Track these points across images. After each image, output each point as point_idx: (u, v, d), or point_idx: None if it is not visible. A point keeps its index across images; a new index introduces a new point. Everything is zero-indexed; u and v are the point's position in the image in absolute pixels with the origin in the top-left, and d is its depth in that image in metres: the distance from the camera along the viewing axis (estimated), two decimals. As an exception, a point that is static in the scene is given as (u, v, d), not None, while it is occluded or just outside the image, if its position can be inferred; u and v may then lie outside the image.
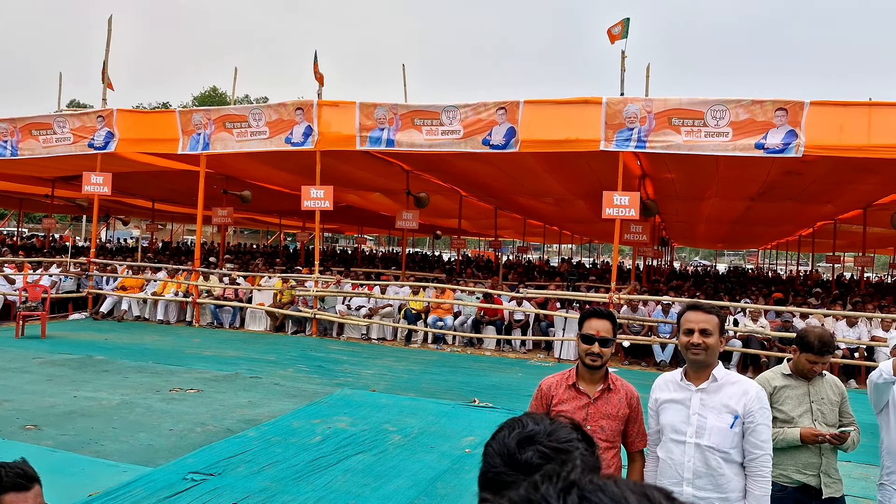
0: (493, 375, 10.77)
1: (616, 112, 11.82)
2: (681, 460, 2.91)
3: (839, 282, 27.51)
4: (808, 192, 16.18)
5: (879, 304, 14.47)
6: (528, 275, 22.63)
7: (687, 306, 3.06)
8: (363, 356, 11.95)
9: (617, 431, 3.03)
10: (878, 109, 11.13)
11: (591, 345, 3.00)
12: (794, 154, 11.15)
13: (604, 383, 3.06)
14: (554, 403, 3.06)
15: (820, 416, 3.55)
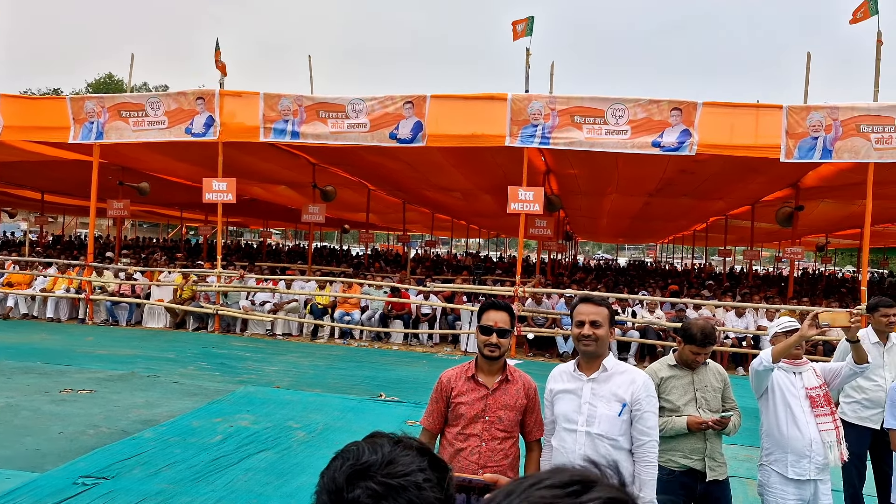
0: (401, 369, 10.79)
1: (521, 109, 12.02)
2: (572, 448, 3.01)
3: (730, 274, 28.98)
4: (701, 189, 16.95)
5: (765, 296, 15.34)
6: (436, 269, 22.76)
7: (579, 299, 3.16)
8: (268, 352, 11.73)
9: (515, 422, 3.10)
10: (765, 111, 11.76)
11: (489, 336, 3.05)
12: (688, 152, 11.65)
13: (502, 374, 3.12)
14: (454, 396, 3.09)
15: (704, 403, 3.73)
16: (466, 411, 3.05)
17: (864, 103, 11.17)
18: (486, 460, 3.02)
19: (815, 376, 3.90)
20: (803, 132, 11.22)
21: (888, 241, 31.41)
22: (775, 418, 3.82)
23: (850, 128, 11.07)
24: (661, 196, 18.69)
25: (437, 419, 3.15)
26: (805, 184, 14.99)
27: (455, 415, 3.08)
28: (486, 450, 3.02)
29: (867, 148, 11.01)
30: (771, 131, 11.53)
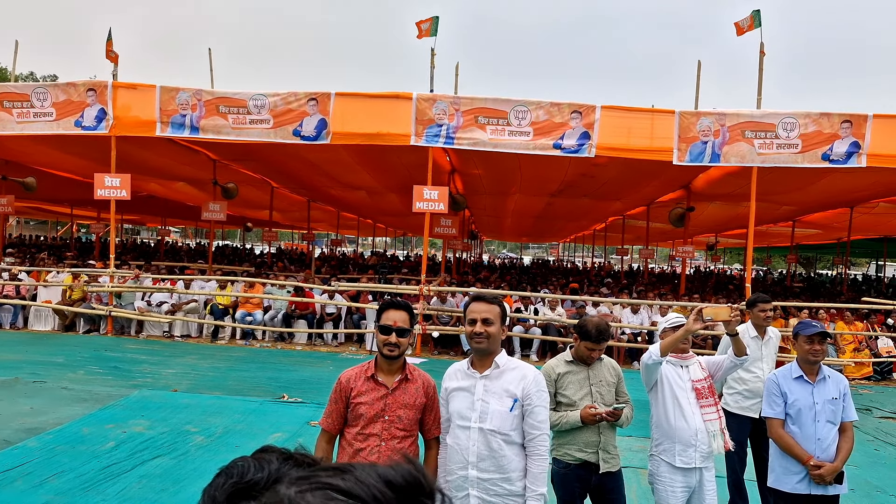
0: (304, 370, 10.64)
1: (426, 108, 12.08)
2: (466, 445, 3.06)
3: (627, 272, 30.09)
4: (601, 190, 17.51)
5: (659, 293, 16.00)
6: (341, 268, 22.57)
7: (471, 298, 3.22)
8: (165, 355, 11.32)
9: (414, 420, 3.12)
10: (659, 116, 12.25)
11: (388, 335, 3.06)
12: (587, 154, 12.00)
13: (402, 373, 3.13)
14: (353, 396, 3.09)
15: (599, 397, 3.88)
16: (366, 411, 3.05)
17: (749, 110, 11.83)
18: (385, 460, 3.02)
19: (701, 369, 4.11)
20: (694, 137, 11.77)
21: (771, 240, 33.33)
22: (664, 410, 4.01)
23: (737, 133, 11.70)
24: (562, 197, 19.19)
25: (336, 420, 3.13)
26: (696, 186, 15.73)
27: (354, 415, 3.08)
28: (385, 449, 3.03)
29: (751, 152, 11.67)
30: (665, 135, 12.03)
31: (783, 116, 11.59)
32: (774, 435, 3.93)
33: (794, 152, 11.64)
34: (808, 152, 11.63)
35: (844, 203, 18.50)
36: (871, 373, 12.37)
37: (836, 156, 11.62)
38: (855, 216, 19.63)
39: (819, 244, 33.64)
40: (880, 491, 6.13)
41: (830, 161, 11.64)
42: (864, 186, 14.90)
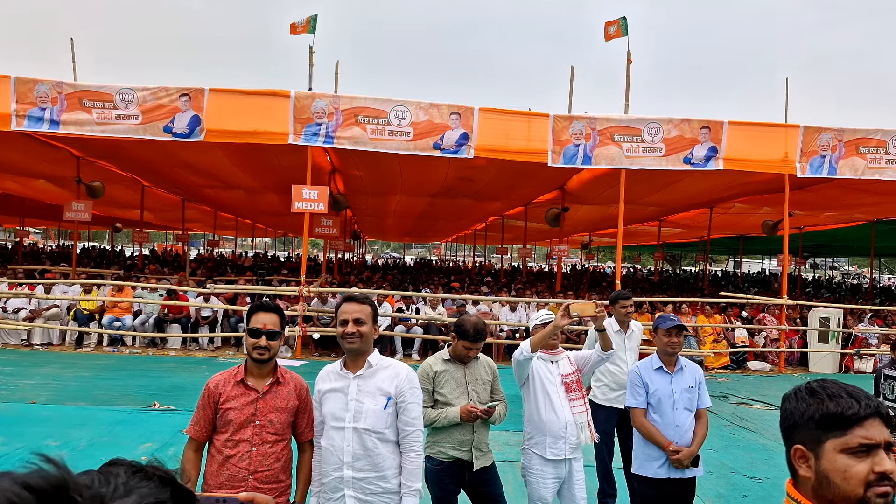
0: (178, 376, 10.23)
1: (304, 106, 11.89)
2: (340, 446, 3.05)
3: (507, 271, 30.81)
4: (481, 191, 17.84)
5: (536, 291, 16.50)
6: (218, 269, 21.85)
7: (342, 298, 3.22)
8: (22, 365, 10.57)
9: (287, 424, 3.08)
10: (536, 119, 12.59)
11: (258, 338, 3.00)
12: (466, 155, 12.19)
13: (273, 377, 3.08)
14: (222, 401, 3.01)
15: (475, 395, 3.97)
16: (235, 417, 2.98)
17: (618, 115, 12.41)
18: (256, 465, 2.97)
19: (570, 363, 4.28)
20: (567, 140, 12.21)
21: (640, 239, 35.10)
22: (535, 404, 4.14)
23: (606, 137, 12.24)
24: (443, 197, 19.41)
25: (203, 427, 3.04)
26: (570, 187, 16.33)
27: (223, 421, 3.00)
28: (256, 455, 2.97)
29: (620, 156, 12.24)
30: (541, 138, 12.39)
31: (648, 122, 12.23)
32: (637, 423, 4.15)
33: (659, 156, 12.31)
34: (672, 156, 12.33)
35: (705, 204, 19.74)
36: (728, 362, 13.27)
37: (696, 159, 12.38)
38: (714, 216, 20.99)
39: (683, 242, 35.76)
40: (735, 472, 6.59)
41: (692, 164, 12.39)
42: (721, 188, 15.96)
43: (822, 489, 1.40)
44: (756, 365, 13.46)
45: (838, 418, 1.40)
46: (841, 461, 1.38)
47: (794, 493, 1.46)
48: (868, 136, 12.72)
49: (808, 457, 1.43)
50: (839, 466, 1.37)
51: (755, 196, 17.46)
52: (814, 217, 21.59)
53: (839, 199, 16.84)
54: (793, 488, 1.48)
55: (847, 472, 1.36)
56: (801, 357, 13.88)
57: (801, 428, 1.45)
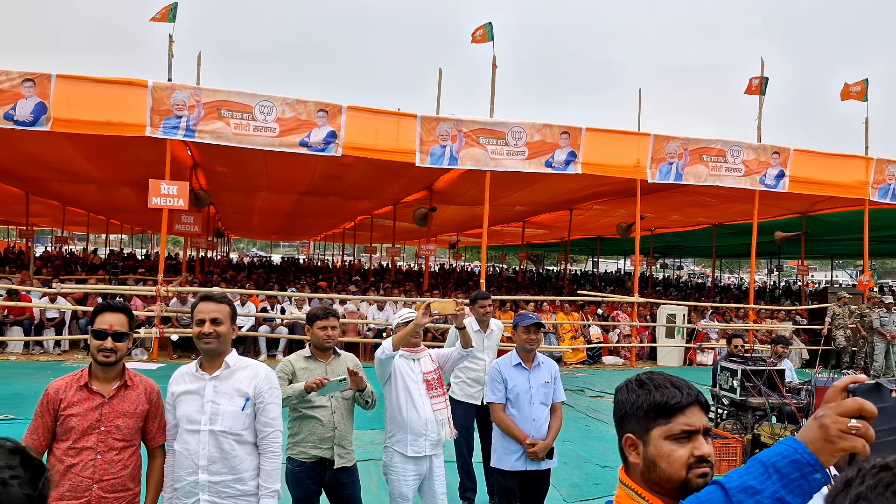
0: (19, 382, 9.50)
1: (163, 98, 11.37)
2: (196, 449, 2.97)
3: (376, 270, 30.81)
4: (349, 189, 17.74)
5: (404, 290, 16.61)
6: (67, 268, 20.46)
7: (199, 297, 3.13)
8: None
9: (135, 429, 2.94)
10: (405, 119, 12.66)
11: (103, 340, 2.86)
12: (334, 153, 12.08)
13: (120, 380, 2.94)
14: (63, 408, 2.83)
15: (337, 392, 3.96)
16: (78, 423, 2.81)
17: (483, 118, 12.72)
18: (102, 474, 2.82)
19: (431, 361, 4.36)
20: (434, 140, 12.39)
21: (505, 239, 36.14)
22: (397, 402, 4.19)
23: (472, 139, 12.51)
24: (311, 195, 19.14)
25: (42, 435, 2.84)
26: (438, 187, 16.57)
27: (64, 428, 2.82)
28: (101, 462, 2.82)
29: (485, 157, 12.56)
30: (411, 137, 12.48)
31: (512, 125, 12.63)
32: (496, 418, 4.29)
33: (522, 159, 12.73)
34: (534, 159, 12.79)
35: (565, 206, 20.61)
36: (585, 357, 13.92)
37: (557, 163, 12.90)
38: (574, 218, 21.96)
39: (546, 243, 37.15)
40: (588, 462, 6.94)
41: (553, 168, 12.91)
42: (580, 191, 16.73)
43: (649, 473, 1.51)
44: (610, 360, 14.21)
45: (663, 407, 1.52)
46: (665, 447, 1.49)
47: (626, 479, 1.57)
48: (710, 145, 13.74)
49: (637, 444, 1.54)
50: (664, 452, 1.49)
51: (611, 199, 18.43)
52: (663, 220, 23.05)
53: (685, 204, 18.09)
54: (625, 475, 1.58)
55: (671, 456, 1.48)
56: (651, 351, 14.78)
57: (631, 417, 1.56)
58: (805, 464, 1.15)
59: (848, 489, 1.00)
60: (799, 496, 1.15)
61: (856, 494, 0.99)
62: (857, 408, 1.15)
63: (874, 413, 1.15)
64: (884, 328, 13.08)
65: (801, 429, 1.21)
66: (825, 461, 1.16)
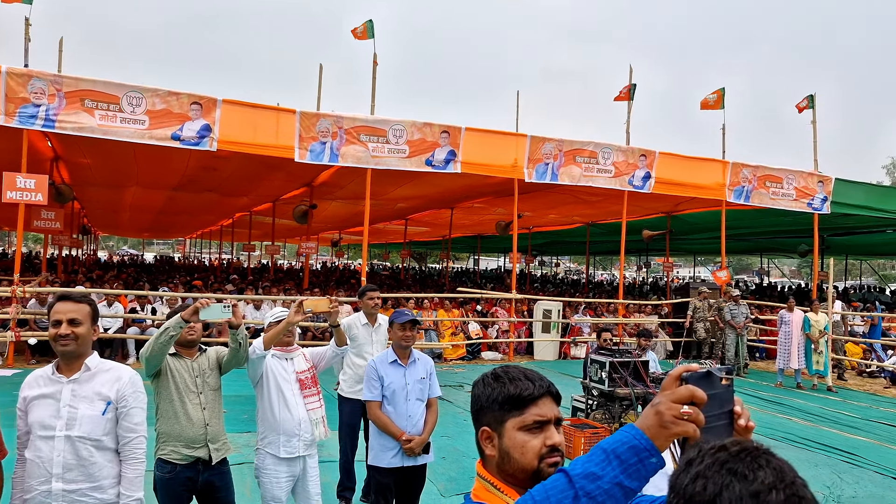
0: None
1: (18, 85, 10.60)
2: (49, 456, 2.81)
3: (255, 269, 30.05)
4: (226, 185, 17.21)
5: (284, 289, 16.31)
6: None
7: (56, 297, 2.98)
8: None
9: None
10: (284, 114, 12.40)
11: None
12: (208, 147, 11.68)
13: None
14: None
15: (206, 386, 3.87)
16: None
17: (364, 115, 12.67)
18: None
19: (305, 360, 4.32)
20: (314, 136, 12.22)
21: (388, 237, 36.16)
22: (269, 403, 4.12)
23: (353, 136, 12.44)
24: (185, 190, 18.43)
25: None
26: (318, 184, 16.36)
27: None
28: None
29: (366, 155, 12.51)
30: (291, 133, 12.23)
31: (393, 123, 12.65)
32: (373, 416, 4.29)
33: (403, 157, 12.78)
34: (415, 157, 12.87)
35: (446, 204, 20.88)
36: (465, 353, 14.16)
37: (437, 162, 13.04)
38: (455, 216, 22.27)
39: (428, 241, 37.45)
40: (465, 456, 7.07)
41: (433, 166, 13.03)
42: (460, 190, 16.99)
43: (504, 465, 1.56)
44: (489, 355, 14.52)
45: (517, 399, 1.57)
46: (519, 437, 1.54)
47: (483, 472, 1.61)
48: (583, 147, 14.30)
49: (493, 437, 1.58)
50: (517, 442, 1.54)
51: (490, 198, 18.83)
52: (541, 218, 23.79)
53: (561, 203, 18.75)
54: (482, 468, 1.62)
55: (524, 446, 1.53)
56: (528, 346, 15.23)
57: (487, 410, 1.60)
58: (642, 449, 1.23)
59: (689, 468, 1.09)
60: (636, 479, 1.23)
61: (695, 473, 1.07)
62: (688, 395, 1.24)
63: (704, 399, 1.24)
64: (734, 320, 14.05)
65: (640, 416, 1.29)
66: (661, 446, 1.24)
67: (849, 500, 6.23)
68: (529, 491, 1.29)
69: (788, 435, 8.68)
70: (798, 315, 12.84)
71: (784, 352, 12.87)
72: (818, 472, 7.10)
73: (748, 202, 15.69)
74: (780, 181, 15.89)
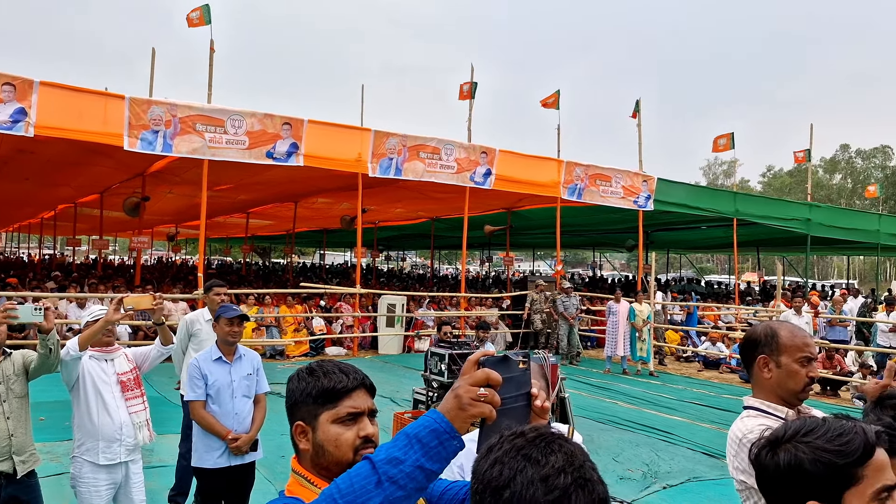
0: None
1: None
2: None
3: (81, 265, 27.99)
4: (44, 171, 15.88)
5: (113, 286, 15.32)
6: None
7: None
8: None
9: None
10: (113, 100, 11.57)
11: None
12: (24, 133, 10.72)
13: None
14: None
15: (10, 393, 3.58)
16: None
17: (200, 103, 12.12)
18: None
19: (128, 361, 4.08)
20: (145, 124, 11.54)
21: (229, 231, 34.91)
22: (86, 407, 3.86)
23: (188, 125, 11.86)
24: (-2, 180, 16.83)
25: None
26: (151, 175, 15.48)
27: None
28: None
29: (203, 146, 11.98)
30: (119, 120, 11.46)
31: (231, 113, 12.20)
32: (197, 416, 4.12)
33: (243, 148, 12.36)
34: (255, 149, 12.48)
35: (290, 197, 20.46)
36: (308, 349, 13.96)
37: (279, 154, 12.73)
38: (299, 210, 21.88)
39: (272, 235, 36.55)
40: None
41: (274, 159, 12.70)
42: (304, 183, 16.71)
43: (318, 458, 1.55)
44: (333, 350, 14.41)
45: (330, 392, 1.57)
46: (333, 430, 1.54)
47: (297, 467, 1.59)
48: (426, 142, 14.50)
49: (307, 431, 1.57)
50: (331, 435, 1.54)
51: (335, 192, 18.66)
52: (386, 213, 23.89)
53: (406, 198, 18.92)
54: (297, 463, 1.61)
55: (338, 439, 1.54)
56: (373, 340, 15.25)
57: (301, 405, 1.59)
58: (443, 432, 1.27)
59: (489, 454, 1.14)
60: (437, 462, 1.26)
61: (494, 458, 1.12)
62: (484, 378, 1.29)
63: (499, 381, 1.30)
64: (566, 311, 14.83)
65: (442, 400, 1.33)
66: (460, 428, 1.29)
67: (664, 475, 6.77)
68: (335, 480, 1.29)
69: (614, 418, 9.29)
70: (624, 306, 13.75)
71: (612, 340, 13.74)
72: (639, 451, 7.65)
73: (581, 199, 16.58)
74: (609, 180, 16.93)
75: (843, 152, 65.62)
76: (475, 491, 1.12)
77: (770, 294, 21.96)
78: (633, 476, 6.74)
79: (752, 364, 2.29)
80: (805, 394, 2.23)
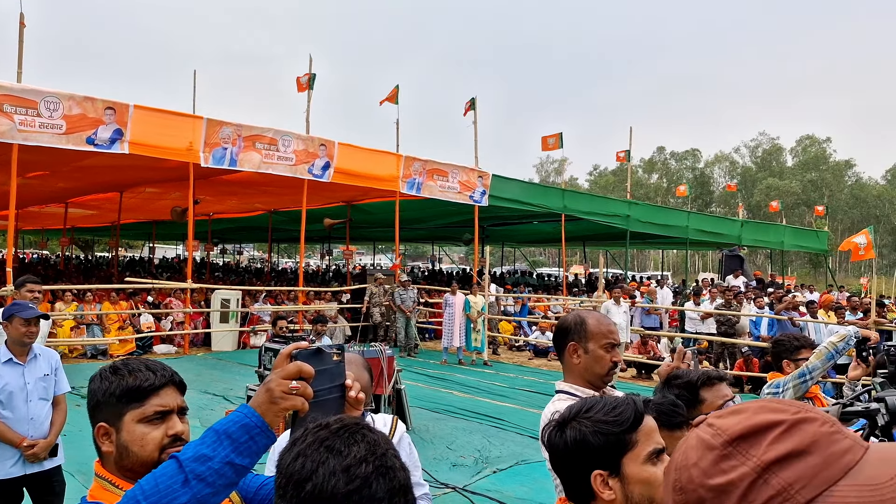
0: None
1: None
2: None
3: None
4: None
5: None
6: None
7: None
8: None
9: None
10: None
11: None
12: None
13: None
14: None
15: None
16: None
17: (9, 83, 11.09)
18: None
19: None
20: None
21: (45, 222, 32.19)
22: None
23: (-7, 106, 10.83)
24: None
25: None
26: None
27: None
28: None
29: (11, 128, 10.97)
30: None
31: (46, 95, 11.27)
32: None
33: (59, 133, 11.46)
34: (74, 134, 11.61)
35: (115, 187, 19.21)
36: (134, 348, 13.19)
37: (101, 140, 11.92)
38: (125, 200, 20.60)
39: (96, 227, 34.10)
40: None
41: (95, 145, 11.89)
42: (130, 170, 15.74)
43: (123, 460, 1.50)
44: (162, 348, 13.73)
45: (136, 391, 1.52)
46: (139, 430, 1.50)
47: (101, 471, 1.53)
48: (263, 133, 14.14)
49: (110, 432, 1.51)
50: (137, 436, 1.49)
51: (165, 182, 17.75)
52: (221, 205, 23.02)
53: (242, 190, 18.34)
54: (100, 467, 1.54)
55: (144, 439, 1.49)
56: (205, 337, 14.69)
57: (104, 406, 1.53)
58: (253, 426, 1.28)
59: (293, 447, 1.13)
60: (247, 457, 1.27)
61: (297, 452, 1.12)
62: (296, 370, 1.31)
63: (311, 374, 1.33)
64: (403, 304, 15.05)
65: (253, 395, 1.34)
66: (271, 421, 1.30)
67: (495, 460, 7.08)
68: (139, 481, 1.27)
69: (449, 407, 9.56)
70: (460, 298, 14.17)
71: (448, 331, 14.12)
72: (472, 437, 7.95)
73: (419, 193, 16.86)
74: (447, 175, 17.33)
75: (659, 154, 71.23)
76: (279, 485, 1.11)
77: (594, 285, 23.43)
78: (466, 462, 6.99)
79: (564, 350, 2.46)
80: (609, 377, 2.43)
